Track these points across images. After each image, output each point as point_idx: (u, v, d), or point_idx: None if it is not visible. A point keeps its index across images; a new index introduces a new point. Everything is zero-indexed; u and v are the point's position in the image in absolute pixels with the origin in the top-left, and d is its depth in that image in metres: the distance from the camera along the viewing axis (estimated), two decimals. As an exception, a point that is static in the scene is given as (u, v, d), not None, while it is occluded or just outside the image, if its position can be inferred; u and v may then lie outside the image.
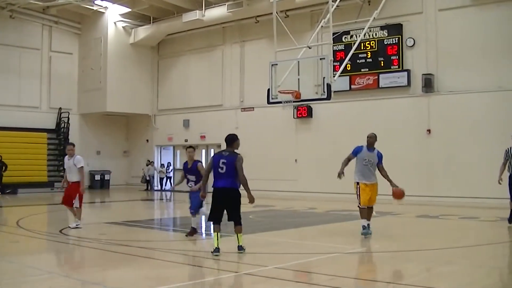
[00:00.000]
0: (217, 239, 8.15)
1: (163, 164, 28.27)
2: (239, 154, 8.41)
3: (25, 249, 9.69)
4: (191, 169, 10.18)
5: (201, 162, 10.37)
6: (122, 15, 26.96)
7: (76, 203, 11.64)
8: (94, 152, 28.58)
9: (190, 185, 10.30)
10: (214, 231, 8.34)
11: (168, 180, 28.14)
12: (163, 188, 27.73)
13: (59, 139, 27.03)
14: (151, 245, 9.56)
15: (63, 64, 27.30)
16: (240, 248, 8.32)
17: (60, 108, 27.09)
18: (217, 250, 8.11)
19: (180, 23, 25.10)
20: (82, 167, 11.53)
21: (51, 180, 25.70)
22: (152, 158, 28.53)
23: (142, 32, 27.12)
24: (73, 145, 12.25)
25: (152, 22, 26.75)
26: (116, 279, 6.99)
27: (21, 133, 24.95)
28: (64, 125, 27.04)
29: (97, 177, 28.26)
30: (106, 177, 28.59)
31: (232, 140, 8.54)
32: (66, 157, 11.80)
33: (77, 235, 10.72)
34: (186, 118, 27.05)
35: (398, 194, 10.22)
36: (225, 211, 8.41)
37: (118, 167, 29.45)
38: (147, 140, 29.17)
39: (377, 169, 10.30)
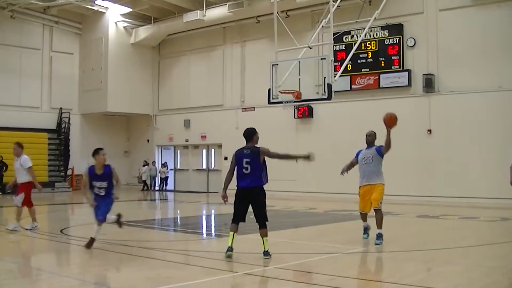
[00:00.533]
0: (232, 239, 7.83)
1: (163, 164, 28.24)
2: (260, 147, 8.11)
3: (25, 249, 9.71)
4: (102, 175, 9.18)
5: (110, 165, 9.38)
6: (123, 15, 26.98)
7: (17, 200, 10.90)
8: (95, 152, 28.58)
9: (99, 192, 9.15)
10: (231, 230, 7.96)
11: (165, 180, 28.08)
12: (164, 188, 27.71)
13: (59, 139, 27.05)
14: (151, 245, 9.56)
15: (64, 64, 27.32)
16: (266, 253, 7.79)
17: (61, 108, 27.12)
18: (230, 249, 7.80)
19: (181, 23, 25.10)
20: (30, 167, 10.78)
21: (51, 180, 25.71)
22: (153, 158, 28.54)
23: (143, 32, 27.13)
24: (18, 143, 11.14)
25: (153, 22, 26.76)
26: (116, 279, 7.01)
27: (22, 133, 24.85)
28: (65, 125, 27.08)
29: (98, 177, 28.19)
30: (107, 177, 28.53)
31: (251, 133, 8.16)
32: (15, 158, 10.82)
33: (77, 235, 10.74)
34: (186, 118, 27.05)
35: (390, 119, 9.43)
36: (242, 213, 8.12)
37: (118, 167, 28.84)
38: (148, 140, 29.18)
39: (381, 165, 9.62)
